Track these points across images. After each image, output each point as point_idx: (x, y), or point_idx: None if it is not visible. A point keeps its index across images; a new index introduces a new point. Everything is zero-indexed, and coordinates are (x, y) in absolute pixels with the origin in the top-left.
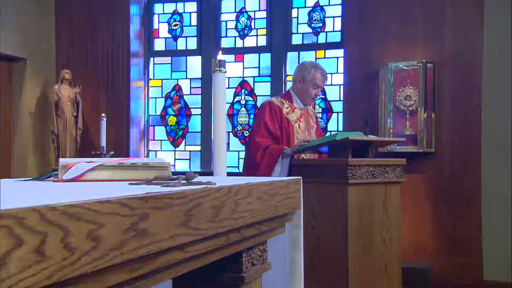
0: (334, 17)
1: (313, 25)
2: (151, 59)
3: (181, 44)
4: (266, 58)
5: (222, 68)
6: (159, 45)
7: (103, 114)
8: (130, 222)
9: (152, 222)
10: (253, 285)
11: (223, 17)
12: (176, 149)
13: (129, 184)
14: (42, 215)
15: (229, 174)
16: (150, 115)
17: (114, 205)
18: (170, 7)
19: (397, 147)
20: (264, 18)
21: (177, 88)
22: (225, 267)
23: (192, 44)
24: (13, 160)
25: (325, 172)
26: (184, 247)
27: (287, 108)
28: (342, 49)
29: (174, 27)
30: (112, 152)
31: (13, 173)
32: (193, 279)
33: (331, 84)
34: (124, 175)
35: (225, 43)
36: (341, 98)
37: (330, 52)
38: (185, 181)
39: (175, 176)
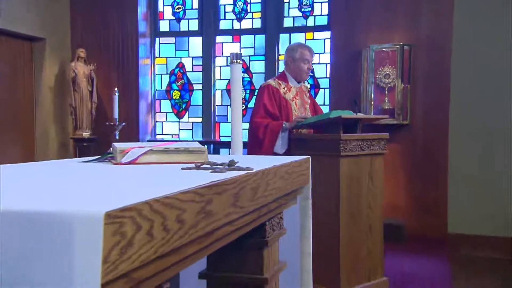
0: (322, 2)
1: (303, 9)
2: (157, 39)
3: (183, 26)
4: (260, 39)
5: (238, 60)
6: (163, 26)
7: (115, 89)
8: (201, 206)
9: (214, 205)
10: (273, 247)
11: (222, 1)
12: (180, 120)
13: (182, 168)
14: (151, 205)
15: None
16: (156, 89)
17: (191, 194)
18: None
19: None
20: (259, 2)
21: (181, 66)
22: (252, 233)
23: (194, 25)
24: (35, 133)
25: (320, 146)
26: (232, 222)
27: (284, 88)
28: (329, 32)
29: (177, 10)
30: (124, 123)
31: (36, 145)
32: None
33: (319, 63)
34: (170, 158)
35: (224, 25)
36: (328, 76)
37: (318, 34)
38: (228, 167)
39: (218, 162)
